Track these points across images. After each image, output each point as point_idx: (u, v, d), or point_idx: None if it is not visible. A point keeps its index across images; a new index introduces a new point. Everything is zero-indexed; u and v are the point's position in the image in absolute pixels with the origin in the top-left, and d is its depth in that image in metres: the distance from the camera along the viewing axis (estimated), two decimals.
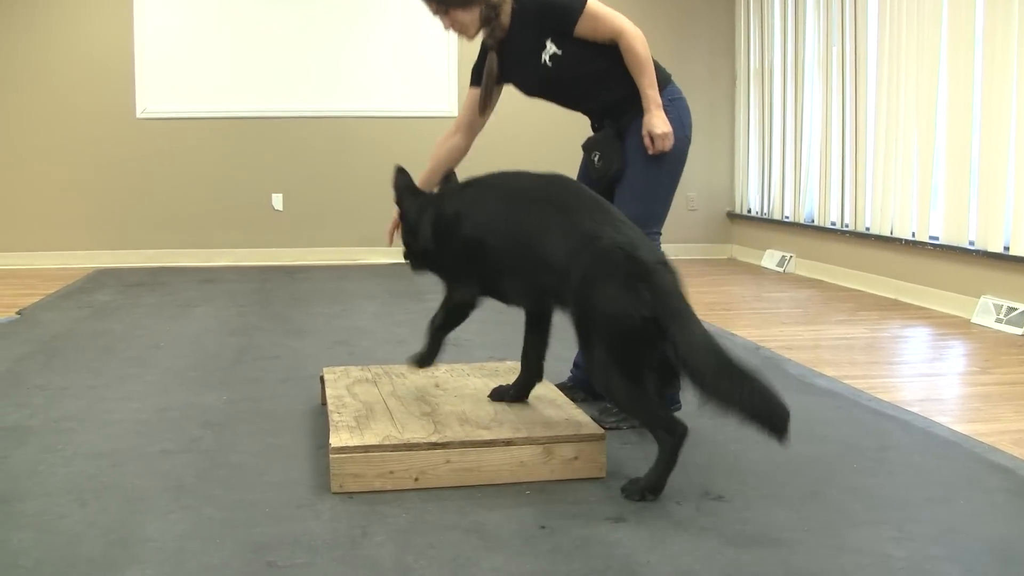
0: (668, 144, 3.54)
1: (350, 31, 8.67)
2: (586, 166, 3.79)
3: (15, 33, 8.34)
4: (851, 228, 7.26)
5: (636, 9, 8.84)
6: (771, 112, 8.49)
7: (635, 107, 3.58)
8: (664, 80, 3.63)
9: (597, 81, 3.63)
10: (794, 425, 3.55)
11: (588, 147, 3.75)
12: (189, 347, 5.02)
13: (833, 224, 7.54)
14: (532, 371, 3.39)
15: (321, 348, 4.98)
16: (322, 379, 3.78)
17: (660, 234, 3.65)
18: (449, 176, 3.58)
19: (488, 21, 3.58)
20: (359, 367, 3.87)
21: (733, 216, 9.21)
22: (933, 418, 3.70)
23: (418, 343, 3.67)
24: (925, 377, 4.60)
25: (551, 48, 3.56)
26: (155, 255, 8.58)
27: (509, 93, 3.84)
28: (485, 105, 3.78)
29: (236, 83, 8.59)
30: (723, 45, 9.00)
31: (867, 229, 7.07)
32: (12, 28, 8.34)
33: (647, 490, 2.85)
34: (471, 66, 3.82)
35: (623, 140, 3.64)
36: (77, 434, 3.47)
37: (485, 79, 3.72)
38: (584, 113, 3.81)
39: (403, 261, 3.50)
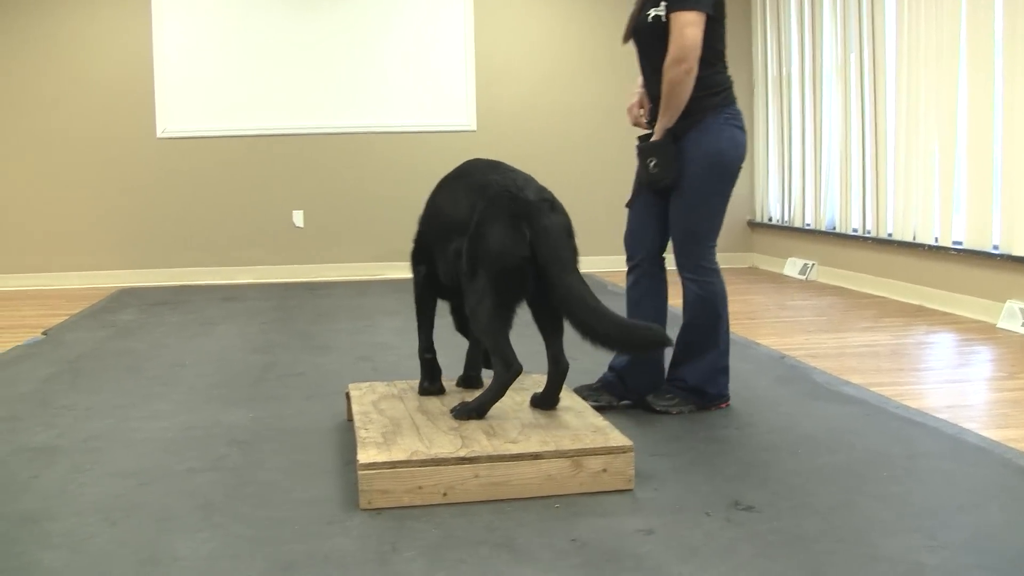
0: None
1: (368, 47, 8.70)
2: (641, 168, 3.91)
3: (35, 56, 8.40)
4: (873, 234, 7.23)
5: None
6: (790, 119, 8.47)
7: (694, 115, 3.73)
8: (728, 100, 3.80)
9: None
10: (822, 434, 3.57)
11: (644, 151, 3.87)
12: (213, 365, 5.03)
13: (855, 231, 7.51)
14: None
15: (345, 364, 4.98)
16: (347, 395, 3.78)
17: (714, 247, 3.83)
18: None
19: None
20: (384, 383, 3.87)
21: (754, 225, 9.19)
22: (962, 424, 3.68)
23: (440, 357, 3.69)
24: (952, 383, 4.57)
25: (661, 8, 3.69)
26: (177, 274, 8.61)
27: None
28: None
29: (255, 101, 8.63)
30: (739, 53, 8.96)
31: (889, 235, 7.04)
32: (33, 51, 8.40)
33: (473, 411, 3.28)
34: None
35: (678, 149, 3.76)
36: (105, 453, 3.49)
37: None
38: (649, 96, 3.91)
39: None
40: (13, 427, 3.85)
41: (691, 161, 3.76)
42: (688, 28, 3.62)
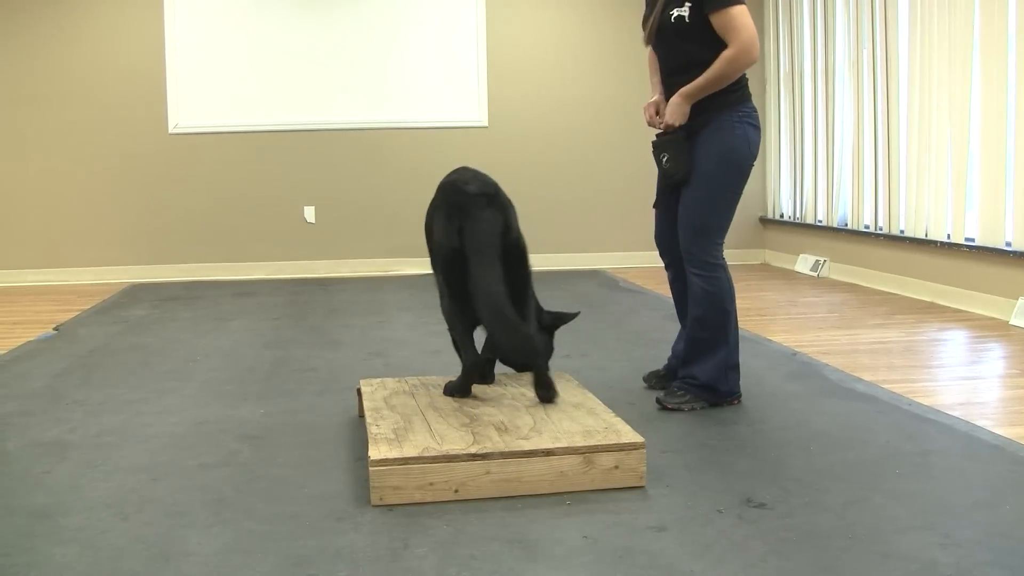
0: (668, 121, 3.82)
1: (381, 43, 8.70)
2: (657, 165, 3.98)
3: (48, 51, 8.42)
4: (885, 231, 7.21)
5: None
6: (802, 116, 8.45)
7: (710, 112, 3.76)
8: (744, 98, 3.82)
9: (697, 66, 3.74)
10: (834, 431, 3.56)
11: (658, 147, 3.91)
12: (225, 360, 5.04)
13: (867, 227, 7.48)
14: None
15: (357, 360, 4.98)
16: (359, 391, 3.78)
17: (720, 242, 3.83)
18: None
19: None
20: (396, 379, 3.87)
21: (765, 221, 9.17)
22: (975, 422, 3.66)
23: (453, 354, 3.69)
24: (965, 380, 4.55)
25: (684, 9, 3.73)
26: (189, 269, 8.63)
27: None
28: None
29: (267, 96, 8.64)
30: None
31: (901, 232, 7.01)
32: (45, 47, 8.42)
33: (454, 391, 3.52)
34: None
35: (692, 145, 3.80)
36: (117, 449, 3.49)
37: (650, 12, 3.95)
38: (666, 90, 3.94)
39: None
40: (25, 422, 3.86)
41: (703, 156, 3.78)
42: (744, 19, 3.67)
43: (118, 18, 8.48)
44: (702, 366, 3.89)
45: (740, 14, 3.68)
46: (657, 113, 4.01)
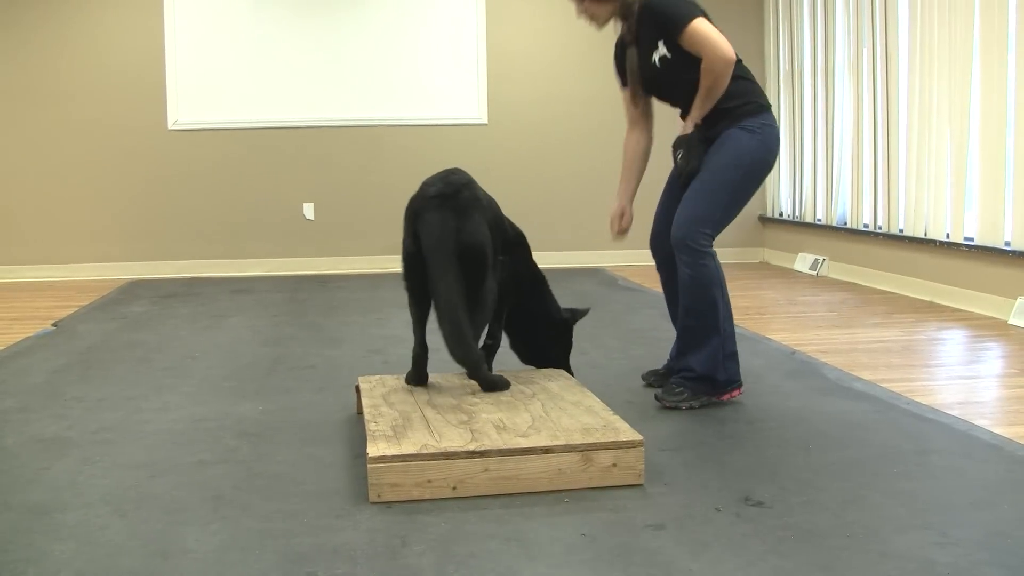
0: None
1: (380, 40, 8.69)
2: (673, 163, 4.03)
3: (47, 48, 8.42)
4: (884, 230, 7.21)
5: None
6: (802, 115, 8.45)
7: (727, 119, 3.81)
8: (757, 110, 3.86)
9: (696, 90, 3.81)
10: (833, 429, 3.57)
11: (676, 145, 3.96)
12: (223, 357, 5.04)
13: (866, 226, 7.48)
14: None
15: (356, 357, 4.98)
16: (357, 388, 3.78)
17: (710, 234, 3.83)
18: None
19: (625, 17, 3.92)
20: (394, 376, 3.87)
21: (765, 219, 9.17)
22: (973, 421, 3.66)
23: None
24: (963, 380, 4.55)
25: (662, 50, 3.83)
26: (188, 266, 8.63)
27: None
28: (636, 96, 4.12)
29: (266, 93, 8.63)
30: (752, 48, 8.93)
31: (901, 231, 7.01)
32: (45, 44, 8.42)
33: (408, 380, 3.70)
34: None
35: (709, 144, 3.85)
36: (115, 445, 3.49)
37: (630, 75, 4.06)
38: (683, 113, 4.01)
39: None
40: (24, 418, 3.86)
41: (715, 152, 3.83)
42: (703, 28, 3.72)
43: (117, 15, 8.48)
44: (696, 356, 3.86)
45: (699, 25, 3.73)
46: (622, 218, 4.15)
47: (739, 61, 3.84)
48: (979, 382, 4.52)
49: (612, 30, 4.09)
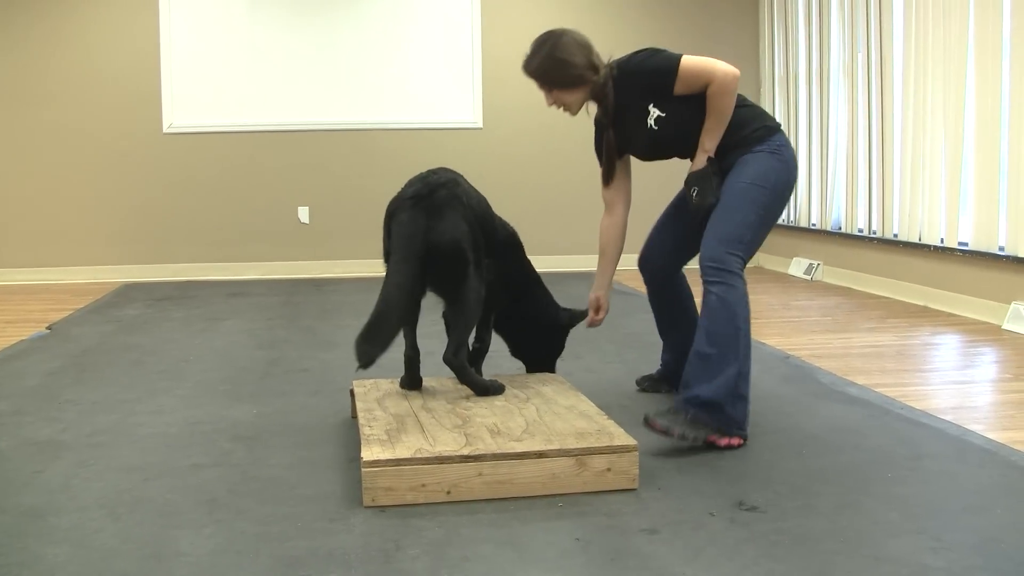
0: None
1: (375, 44, 8.70)
2: (684, 197, 3.85)
3: (43, 51, 8.42)
4: (879, 235, 7.22)
5: (660, 16, 8.84)
6: (796, 119, 8.46)
7: (738, 149, 3.67)
8: (769, 131, 3.70)
9: (700, 130, 3.69)
10: (826, 434, 3.57)
11: (688, 182, 3.75)
12: (218, 361, 5.03)
13: (861, 231, 7.50)
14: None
15: (350, 360, 4.91)
16: (352, 392, 3.78)
17: (742, 258, 3.61)
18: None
19: (599, 99, 3.77)
20: (389, 380, 3.87)
21: None
22: (967, 426, 3.67)
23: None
24: (957, 384, 4.56)
25: (655, 112, 3.67)
26: (183, 269, 8.62)
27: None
28: (611, 178, 3.95)
29: (261, 97, 8.63)
30: (747, 52, 8.95)
31: (895, 236, 7.03)
32: (40, 46, 8.41)
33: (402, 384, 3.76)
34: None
35: (724, 176, 3.68)
36: (109, 448, 3.49)
37: (606, 154, 3.90)
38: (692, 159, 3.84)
39: None
40: (18, 421, 3.86)
41: (735, 176, 3.64)
42: (694, 59, 3.59)
43: (112, 17, 8.48)
44: (709, 385, 3.39)
45: (687, 61, 3.58)
46: (597, 312, 4.03)
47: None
48: (973, 387, 4.53)
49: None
